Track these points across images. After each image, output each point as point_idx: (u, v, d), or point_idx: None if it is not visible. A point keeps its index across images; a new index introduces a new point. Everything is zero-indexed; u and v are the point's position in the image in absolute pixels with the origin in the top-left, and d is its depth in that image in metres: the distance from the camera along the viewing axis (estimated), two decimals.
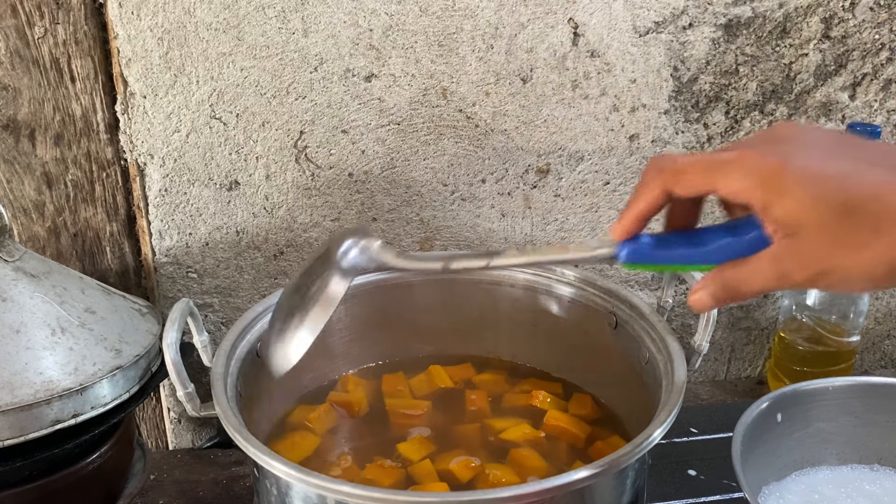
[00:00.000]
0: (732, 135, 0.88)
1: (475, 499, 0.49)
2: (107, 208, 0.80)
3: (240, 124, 0.79)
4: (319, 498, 0.50)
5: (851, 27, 0.85)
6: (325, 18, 0.76)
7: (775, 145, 0.43)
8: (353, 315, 0.75)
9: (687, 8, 0.82)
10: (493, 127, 0.83)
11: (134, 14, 0.73)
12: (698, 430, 0.84)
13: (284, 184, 0.82)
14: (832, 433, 0.71)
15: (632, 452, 0.50)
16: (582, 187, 0.87)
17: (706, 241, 0.46)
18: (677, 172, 0.44)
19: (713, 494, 0.76)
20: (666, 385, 0.59)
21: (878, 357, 1.03)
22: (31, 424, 0.59)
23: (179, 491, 0.77)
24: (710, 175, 0.43)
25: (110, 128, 0.77)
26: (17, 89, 0.74)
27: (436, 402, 0.72)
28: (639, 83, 0.84)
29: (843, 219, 0.39)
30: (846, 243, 0.40)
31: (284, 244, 0.84)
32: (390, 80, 0.80)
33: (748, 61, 0.85)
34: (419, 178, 0.84)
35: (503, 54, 0.80)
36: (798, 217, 0.40)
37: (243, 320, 0.66)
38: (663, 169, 0.45)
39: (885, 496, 0.69)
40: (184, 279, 0.84)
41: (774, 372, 0.92)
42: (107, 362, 0.63)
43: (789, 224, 0.41)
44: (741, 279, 0.44)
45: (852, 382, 0.72)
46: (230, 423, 0.54)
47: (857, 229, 0.39)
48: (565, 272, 0.74)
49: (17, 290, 0.63)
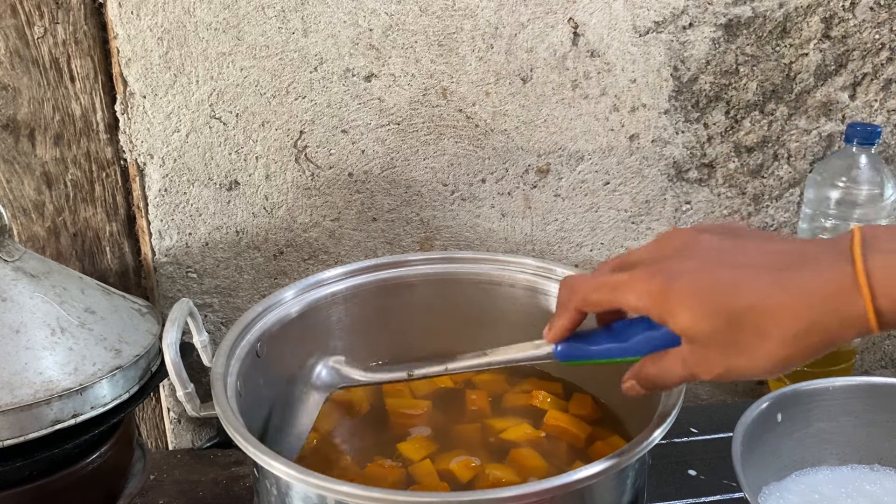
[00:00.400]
0: (732, 134, 0.88)
1: (475, 499, 0.49)
2: (106, 208, 0.80)
3: (239, 124, 0.79)
4: (319, 498, 0.50)
5: (852, 27, 0.85)
6: (325, 18, 0.76)
7: (665, 262, 0.48)
8: (353, 315, 0.75)
9: (687, 8, 0.81)
10: (493, 127, 0.83)
11: (134, 14, 0.73)
12: (698, 430, 0.84)
13: (284, 184, 0.82)
14: (832, 433, 0.71)
15: (632, 452, 0.50)
16: (582, 187, 0.87)
17: (629, 337, 0.52)
18: (584, 296, 0.51)
19: (713, 494, 0.75)
20: None
21: (878, 357, 1.03)
22: (30, 424, 0.59)
23: (179, 491, 0.77)
24: (611, 296, 0.49)
25: (110, 128, 0.77)
26: (16, 89, 0.74)
27: (436, 401, 0.72)
28: (639, 83, 0.84)
29: (731, 327, 0.44)
30: (738, 349, 0.45)
31: (284, 244, 0.84)
32: (390, 80, 0.80)
33: (748, 61, 0.85)
34: (419, 178, 0.84)
35: (503, 54, 0.80)
36: (690, 330, 0.45)
37: (243, 320, 0.66)
38: (574, 292, 0.52)
39: (885, 496, 0.69)
40: (184, 279, 0.83)
41: None
42: (107, 362, 0.63)
43: (685, 335, 0.46)
44: (658, 376, 0.50)
45: (852, 382, 0.72)
46: (230, 423, 0.53)
47: (745, 335, 0.44)
48: (566, 272, 0.74)
49: (16, 290, 0.63)
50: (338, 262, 0.86)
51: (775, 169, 0.90)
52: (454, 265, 0.77)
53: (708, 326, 0.45)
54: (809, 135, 0.90)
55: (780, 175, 0.91)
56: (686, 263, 0.47)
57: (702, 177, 0.89)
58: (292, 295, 0.70)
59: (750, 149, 0.89)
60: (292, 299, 0.70)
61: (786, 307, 0.43)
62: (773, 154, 0.90)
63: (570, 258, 0.90)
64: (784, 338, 0.43)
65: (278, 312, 0.69)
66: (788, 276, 0.44)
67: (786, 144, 0.90)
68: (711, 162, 0.89)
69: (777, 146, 0.89)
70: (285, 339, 0.69)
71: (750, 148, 0.89)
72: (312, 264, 0.85)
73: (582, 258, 0.90)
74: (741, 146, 0.89)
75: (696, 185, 0.89)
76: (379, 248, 0.86)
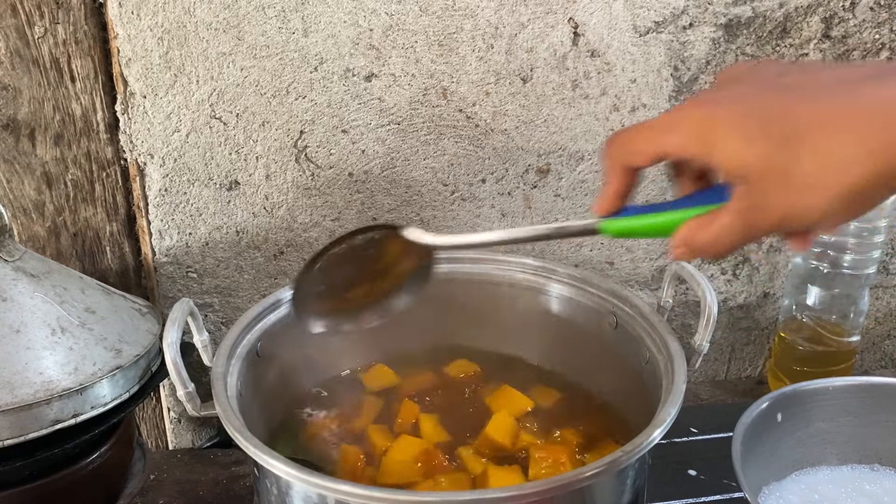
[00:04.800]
0: None
1: (475, 499, 0.49)
2: (107, 208, 0.80)
3: (240, 124, 0.79)
4: (319, 497, 0.50)
5: (852, 27, 0.85)
6: (325, 18, 0.76)
7: (716, 92, 0.41)
8: None
9: (687, 8, 0.82)
10: (493, 127, 0.83)
11: (134, 14, 0.73)
12: (698, 430, 0.84)
13: (284, 183, 0.82)
14: (832, 433, 0.71)
15: (632, 452, 0.50)
16: (582, 187, 0.87)
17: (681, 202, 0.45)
18: (626, 146, 0.44)
19: (713, 494, 0.76)
20: (666, 385, 0.59)
21: (878, 357, 1.03)
22: (31, 424, 0.59)
23: (179, 491, 0.77)
24: (654, 140, 0.42)
25: (110, 127, 0.77)
26: (17, 89, 0.74)
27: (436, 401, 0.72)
28: (639, 83, 0.84)
29: (787, 149, 0.37)
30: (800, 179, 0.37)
31: (284, 244, 0.84)
32: (390, 80, 0.80)
33: (748, 61, 0.85)
34: (419, 178, 0.84)
35: (503, 54, 0.80)
36: (738, 160, 0.38)
37: (243, 320, 0.66)
38: (617, 146, 0.45)
39: (885, 496, 0.69)
40: (184, 279, 0.84)
41: (774, 372, 0.92)
42: (107, 362, 0.63)
43: (733, 170, 0.39)
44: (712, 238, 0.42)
45: (852, 382, 0.72)
46: (230, 423, 0.54)
47: (806, 158, 0.36)
48: (566, 272, 0.74)
49: (17, 289, 0.63)
50: None
51: None
52: (454, 265, 0.77)
53: (759, 151, 0.37)
54: None
55: None
56: (737, 89, 0.40)
57: None
58: (292, 295, 0.70)
59: None
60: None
61: (857, 118, 0.35)
62: None
63: (570, 258, 0.90)
64: (856, 158, 0.35)
65: (278, 312, 0.69)
66: (860, 87, 0.36)
67: None
68: None
69: None
70: (286, 338, 0.69)
71: None
72: None
73: (582, 258, 0.90)
74: None
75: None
76: None
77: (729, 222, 0.41)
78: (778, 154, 0.37)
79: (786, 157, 0.37)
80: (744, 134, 0.38)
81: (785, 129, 0.36)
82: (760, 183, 0.38)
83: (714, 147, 0.39)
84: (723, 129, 0.38)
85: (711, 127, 0.39)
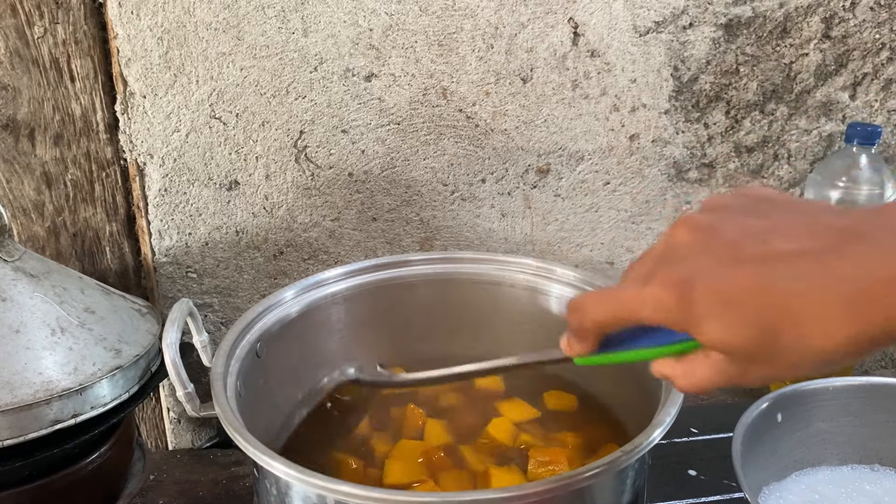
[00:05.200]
0: (733, 134, 0.88)
1: (475, 499, 0.49)
2: (106, 208, 0.80)
3: (239, 124, 0.79)
4: (319, 498, 0.50)
5: (852, 27, 0.85)
6: (325, 18, 0.76)
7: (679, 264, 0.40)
8: (353, 315, 0.75)
9: (687, 8, 0.81)
10: (493, 127, 0.83)
11: (134, 14, 0.73)
12: (698, 430, 0.84)
13: (284, 184, 0.82)
14: (832, 433, 0.71)
15: (632, 452, 0.50)
16: (582, 187, 0.87)
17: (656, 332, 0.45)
18: (593, 318, 0.44)
19: (713, 494, 0.75)
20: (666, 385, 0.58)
21: (878, 357, 1.03)
22: (30, 424, 0.59)
23: (179, 491, 0.77)
24: (624, 313, 0.42)
25: (110, 127, 0.77)
26: (16, 89, 0.73)
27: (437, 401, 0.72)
28: (639, 83, 0.84)
29: (769, 336, 0.37)
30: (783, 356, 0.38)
31: (284, 244, 0.84)
32: (390, 80, 0.80)
33: (748, 61, 0.85)
34: (419, 178, 0.84)
35: (503, 54, 0.80)
36: (722, 345, 0.39)
37: (243, 320, 0.66)
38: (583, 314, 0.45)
39: (885, 496, 0.69)
40: (183, 279, 0.83)
41: None
42: (106, 362, 0.63)
43: (717, 348, 0.39)
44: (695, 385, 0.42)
45: (852, 382, 0.72)
46: (230, 423, 0.53)
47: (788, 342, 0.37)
48: (566, 272, 0.74)
49: (16, 290, 0.63)
50: (338, 262, 0.86)
51: (775, 169, 0.90)
52: (454, 265, 0.77)
53: (742, 340, 0.38)
54: (810, 135, 0.90)
55: (780, 175, 0.91)
56: (704, 260, 0.39)
57: (702, 177, 0.89)
58: (292, 295, 0.70)
59: (750, 149, 0.89)
60: (292, 299, 0.70)
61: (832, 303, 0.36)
62: (774, 154, 0.90)
63: (571, 258, 0.90)
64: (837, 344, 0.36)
65: (278, 312, 0.69)
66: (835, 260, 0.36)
67: (786, 144, 0.89)
68: (712, 162, 0.89)
69: (777, 146, 0.89)
70: (285, 339, 0.69)
71: (750, 148, 0.89)
72: (312, 264, 0.85)
73: (582, 258, 0.90)
74: (741, 146, 0.89)
75: (696, 186, 0.89)
76: (379, 248, 0.86)
77: (708, 377, 0.41)
78: (762, 339, 0.38)
79: (770, 342, 0.38)
80: (722, 323, 0.38)
81: (765, 317, 0.37)
82: (744, 361, 0.39)
83: (694, 329, 0.39)
84: (701, 315, 0.38)
85: (687, 310, 0.39)
